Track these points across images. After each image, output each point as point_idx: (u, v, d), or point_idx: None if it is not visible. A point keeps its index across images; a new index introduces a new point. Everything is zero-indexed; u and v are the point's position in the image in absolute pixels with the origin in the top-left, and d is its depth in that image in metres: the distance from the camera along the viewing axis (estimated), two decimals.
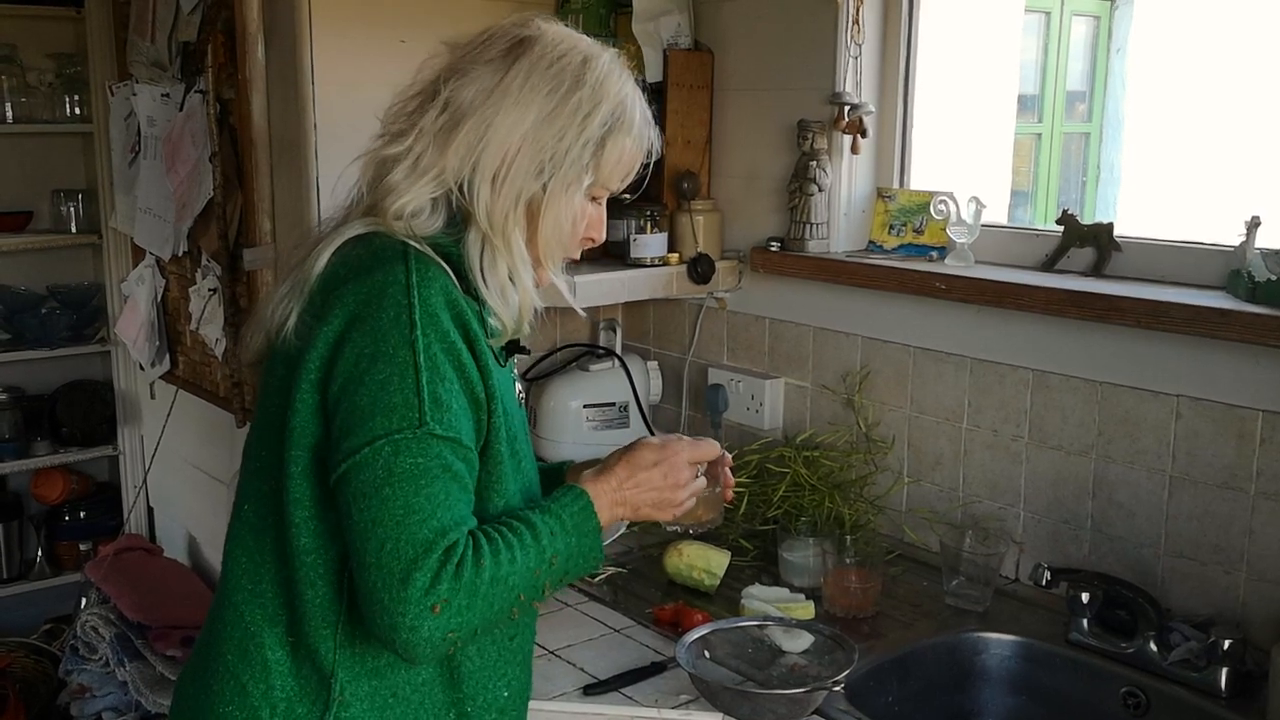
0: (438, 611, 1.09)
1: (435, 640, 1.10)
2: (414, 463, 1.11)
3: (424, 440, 1.12)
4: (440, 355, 1.15)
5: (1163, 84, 3.80)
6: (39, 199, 3.61)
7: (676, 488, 1.31)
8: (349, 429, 1.13)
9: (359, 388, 1.13)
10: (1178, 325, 1.68)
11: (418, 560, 1.09)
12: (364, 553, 1.11)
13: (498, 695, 1.29)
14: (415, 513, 1.10)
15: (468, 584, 1.10)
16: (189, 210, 2.65)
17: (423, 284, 1.16)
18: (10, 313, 3.52)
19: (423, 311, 1.14)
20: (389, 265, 1.17)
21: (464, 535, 1.13)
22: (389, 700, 1.23)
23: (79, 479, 3.66)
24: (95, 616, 2.84)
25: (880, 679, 1.71)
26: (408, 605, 1.08)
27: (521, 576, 1.16)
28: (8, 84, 3.42)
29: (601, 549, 1.25)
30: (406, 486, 1.10)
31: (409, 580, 1.08)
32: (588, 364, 2.50)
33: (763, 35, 2.29)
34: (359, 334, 1.15)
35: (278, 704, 1.22)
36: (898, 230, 2.17)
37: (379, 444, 1.11)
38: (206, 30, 2.46)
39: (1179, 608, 1.74)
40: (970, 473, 2.02)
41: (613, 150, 1.27)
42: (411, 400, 1.12)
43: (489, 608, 1.13)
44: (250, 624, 1.24)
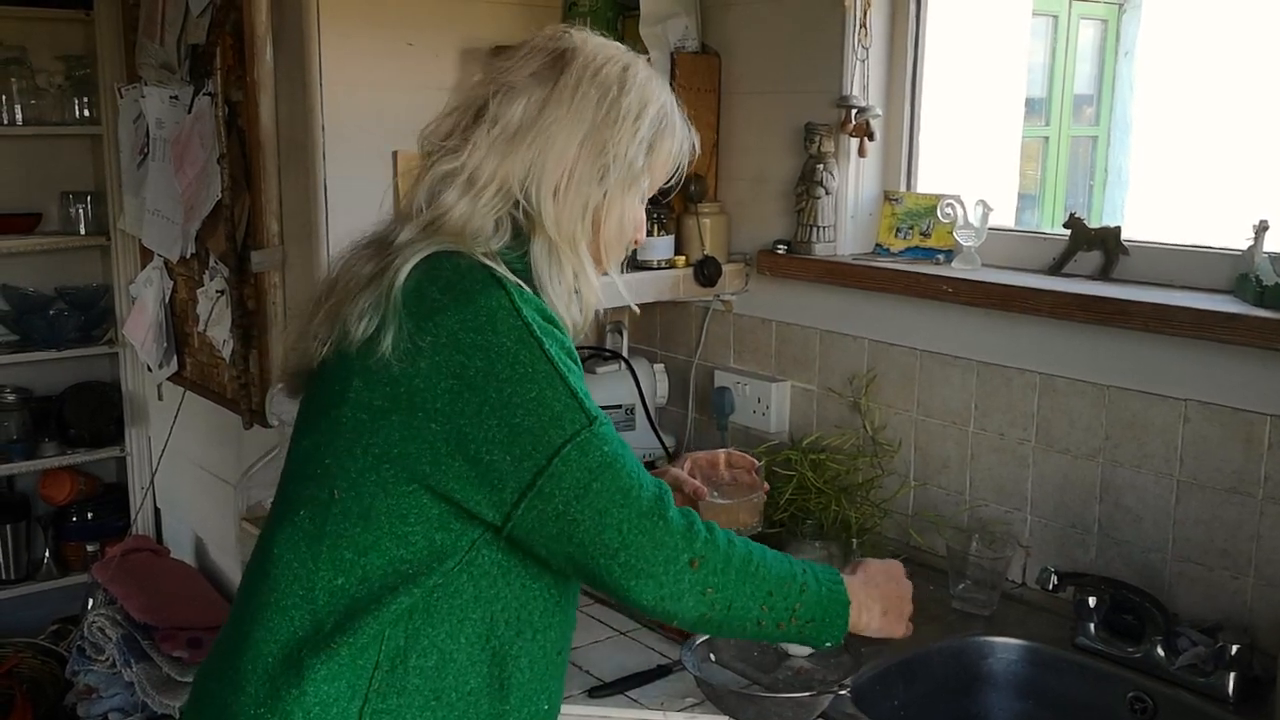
0: (696, 567, 1.18)
1: (696, 592, 1.19)
2: (604, 452, 1.17)
3: (600, 432, 1.18)
4: (566, 359, 1.20)
5: (1171, 87, 3.79)
6: (48, 200, 3.62)
7: (908, 602, 1.42)
8: (523, 451, 1.16)
9: (514, 410, 1.16)
10: (1185, 329, 1.67)
11: (660, 522, 1.17)
12: (604, 546, 1.17)
13: (539, 708, 1.30)
14: (631, 489, 1.17)
15: (720, 547, 1.20)
16: (197, 212, 2.66)
17: (526, 303, 1.20)
18: (19, 314, 3.54)
19: (537, 324, 1.19)
20: (488, 291, 1.19)
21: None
22: (431, 703, 1.22)
23: (86, 480, 3.67)
24: (102, 617, 2.85)
25: (886, 683, 1.70)
26: (670, 564, 1.17)
27: (772, 575, 1.24)
28: (17, 86, 3.43)
29: (845, 627, 1.31)
30: (609, 475, 1.17)
31: (661, 543, 1.17)
32: (594, 366, 2.50)
33: (770, 38, 2.29)
34: (485, 360, 1.16)
35: (311, 709, 1.20)
36: (904, 233, 2.17)
37: (565, 451, 1.16)
38: (215, 33, 2.47)
39: (1186, 612, 1.73)
40: (977, 476, 2.02)
41: (661, 150, 1.32)
42: (571, 404, 1.17)
43: (742, 585, 1.21)
44: (298, 628, 1.22)
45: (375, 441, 1.19)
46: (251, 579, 1.30)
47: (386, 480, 1.20)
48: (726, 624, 1.25)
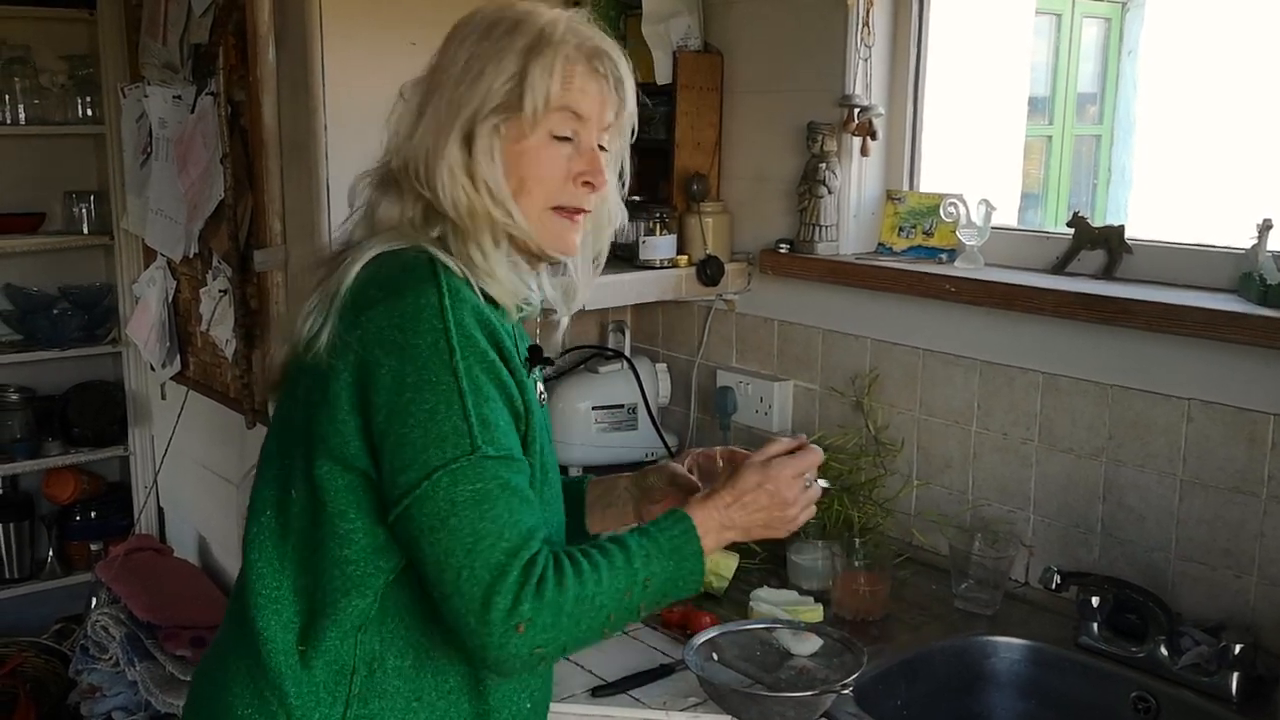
0: (522, 630, 1.10)
1: (523, 656, 1.12)
2: (474, 489, 1.12)
3: (479, 465, 1.12)
4: (481, 375, 1.15)
5: (1174, 86, 3.78)
6: (51, 200, 3.63)
7: (785, 505, 1.30)
8: (403, 464, 1.13)
9: (406, 418, 1.13)
10: (1189, 328, 1.67)
11: (495, 584, 1.10)
12: (442, 584, 1.12)
13: (520, 706, 1.29)
14: (484, 537, 1.11)
15: (550, 602, 1.12)
16: (200, 211, 2.66)
17: (455, 305, 1.15)
18: (22, 313, 3.54)
19: (459, 334, 1.14)
20: (420, 287, 1.16)
21: (542, 549, 1.14)
22: (413, 704, 1.23)
23: (90, 479, 3.68)
24: (105, 616, 2.85)
25: (889, 682, 1.70)
26: (492, 628, 1.10)
27: (610, 596, 1.16)
28: (20, 85, 3.43)
29: (702, 572, 1.25)
30: (471, 513, 1.11)
31: (490, 604, 1.10)
32: (596, 366, 2.50)
33: (772, 37, 2.29)
34: (398, 361, 1.14)
35: (293, 710, 1.22)
36: (907, 232, 2.16)
37: (436, 476, 1.12)
38: (218, 32, 2.47)
39: (1190, 612, 1.73)
40: (980, 476, 2.02)
41: (537, 76, 1.21)
42: (461, 427, 1.12)
43: (576, 626, 1.14)
44: (266, 629, 1.23)
45: (317, 437, 1.19)
46: (237, 581, 1.31)
47: (326, 476, 1.20)
48: (562, 657, 1.22)
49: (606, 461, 2.44)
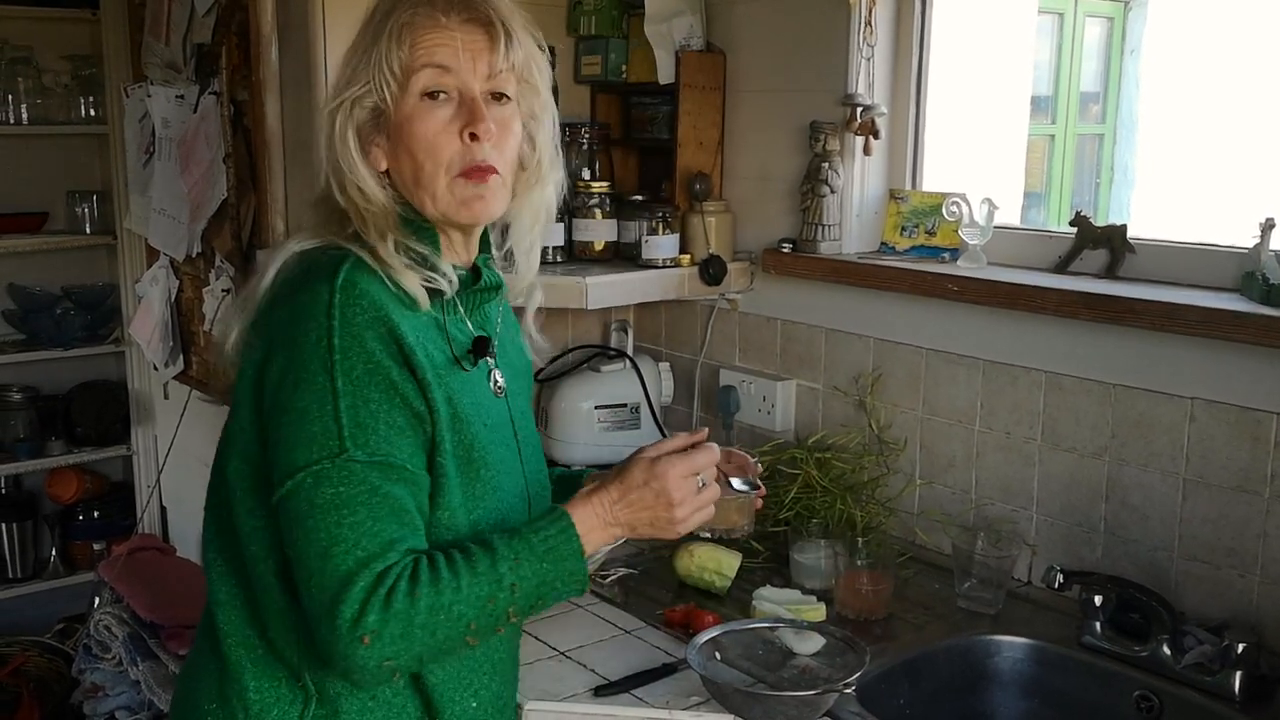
0: (367, 643, 1.08)
1: (371, 669, 1.09)
2: (335, 492, 1.10)
3: (345, 468, 1.10)
4: (364, 377, 1.12)
5: (1177, 85, 3.78)
6: (54, 200, 3.63)
7: (672, 505, 1.22)
8: (276, 460, 1.13)
9: (283, 416, 1.13)
10: (1192, 328, 1.67)
11: (341, 593, 1.08)
12: (299, 583, 1.12)
13: (466, 707, 1.27)
14: (338, 543, 1.09)
15: (399, 614, 1.08)
16: (203, 211, 2.66)
17: (346, 304, 1.13)
18: (25, 313, 3.55)
19: (343, 333, 1.12)
20: (315, 285, 1.15)
21: (399, 561, 1.11)
22: (368, 704, 1.23)
23: (93, 479, 3.68)
24: (108, 616, 2.85)
25: (892, 681, 1.70)
26: (338, 637, 1.08)
27: (470, 605, 1.12)
28: (24, 85, 3.44)
29: (585, 572, 1.19)
30: (329, 517, 1.10)
31: (335, 613, 1.08)
32: (599, 365, 2.50)
33: (775, 37, 2.29)
34: (283, 358, 1.14)
35: (251, 706, 1.23)
36: (910, 232, 2.16)
37: (299, 476, 1.11)
38: (221, 32, 2.48)
39: (1193, 611, 1.73)
40: (983, 475, 2.02)
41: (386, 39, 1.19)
42: (331, 428, 1.11)
43: (430, 637, 1.11)
44: (224, 627, 1.25)
45: (238, 443, 1.21)
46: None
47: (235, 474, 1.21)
48: (419, 668, 1.19)
49: (610, 461, 2.43)
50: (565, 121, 2.45)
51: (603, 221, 2.37)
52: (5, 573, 3.58)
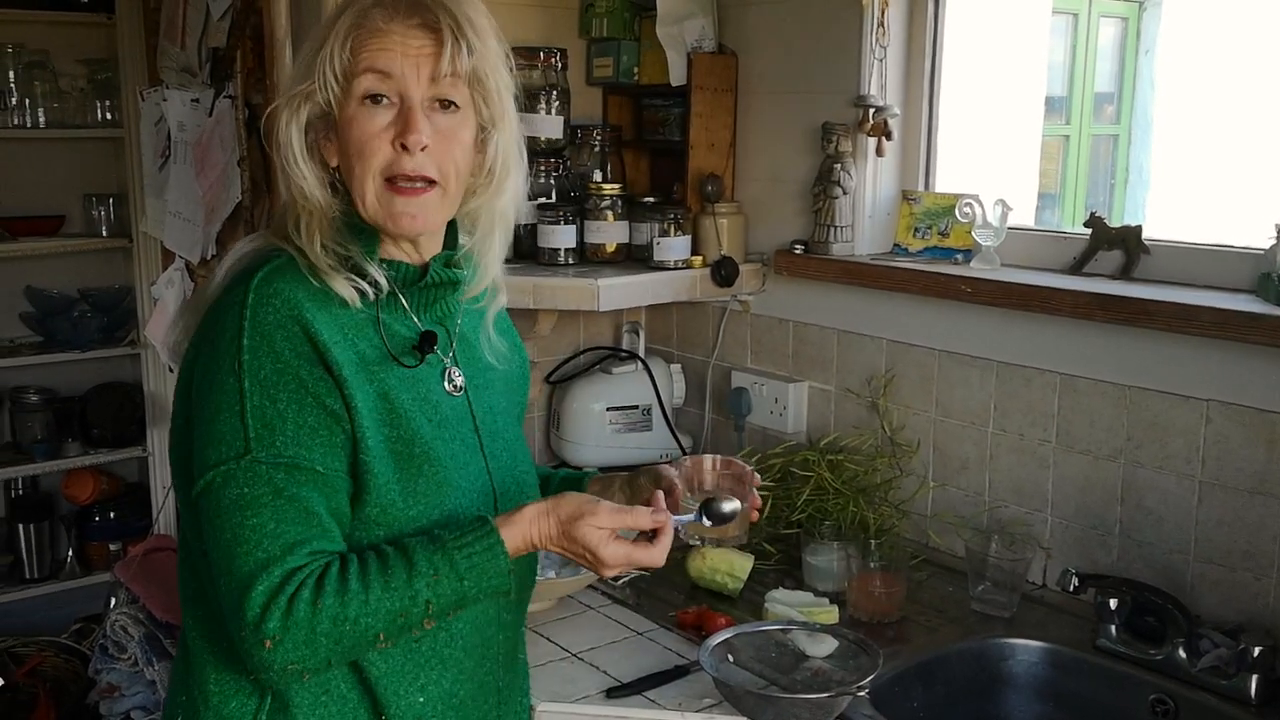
0: (269, 647, 1.08)
1: (276, 670, 1.10)
2: (239, 493, 1.10)
3: (250, 469, 1.11)
4: (271, 377, 1.12)
5: (1192, 85, 3.76)
6: (71, 203, 3.66)
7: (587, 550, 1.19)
8: (193, 459, 1.15)
9: (199, 416, 1.15)
10: (1207, 329, 1.66)
11: (243, 595, 1.09)
12: (213, 581, 1.14)
13: (412, 701, 1.25)
14: (240, 544, 1.10)
15: (301, 621, 1.08)
16: (217, 214, 2.67)
17: (260, 304, 1.13)
18: (42, 315, 3.57)
19: (253, 334, 1.12)
20: (232, 288, 1.16)
21: (304, 565, 1.10)
22: (320, 698, 1.22)
23: (109, 480, 3.70)
24: (124, 616, 2.86)
25: (905, 685, 1.70)
26: (243, 638, 1.09)
27: (379, 618, 1.11)
28: (40, 89, 3.46)
29: (508, 583, 1.17)
30: (233, 518, 1.10)
31: (239, 614, 1.09)
32: (610, 367, 2.50)
33: (787, 38, 2.28)
34: (202, 359, 1.16)
35: (210, 698, 1.24)
36: (923, 233, 2.16)
37: (209, 475, 1.12)
38: (235, 36, 2.49)
39: (1208, 614, 1.72)
40: (996, 477, 2.01)
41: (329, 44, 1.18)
42: (237, 428, 1.11)
43: (335, 645, 1.10)
44: (187, 620, 1.28)
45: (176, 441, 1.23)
46: None
47: (178, 471, 1.22)
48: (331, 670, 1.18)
49: (620, 462, 2.44)
50: (577, 123, 2.47)
51: (614, 223, 2.37)
52: (22, 573, 3.60)
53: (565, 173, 2.44)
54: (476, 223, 1.30)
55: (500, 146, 1.25)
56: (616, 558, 1.20)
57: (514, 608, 1.36)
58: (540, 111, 2.36)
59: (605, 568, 1.20)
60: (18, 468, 3.53)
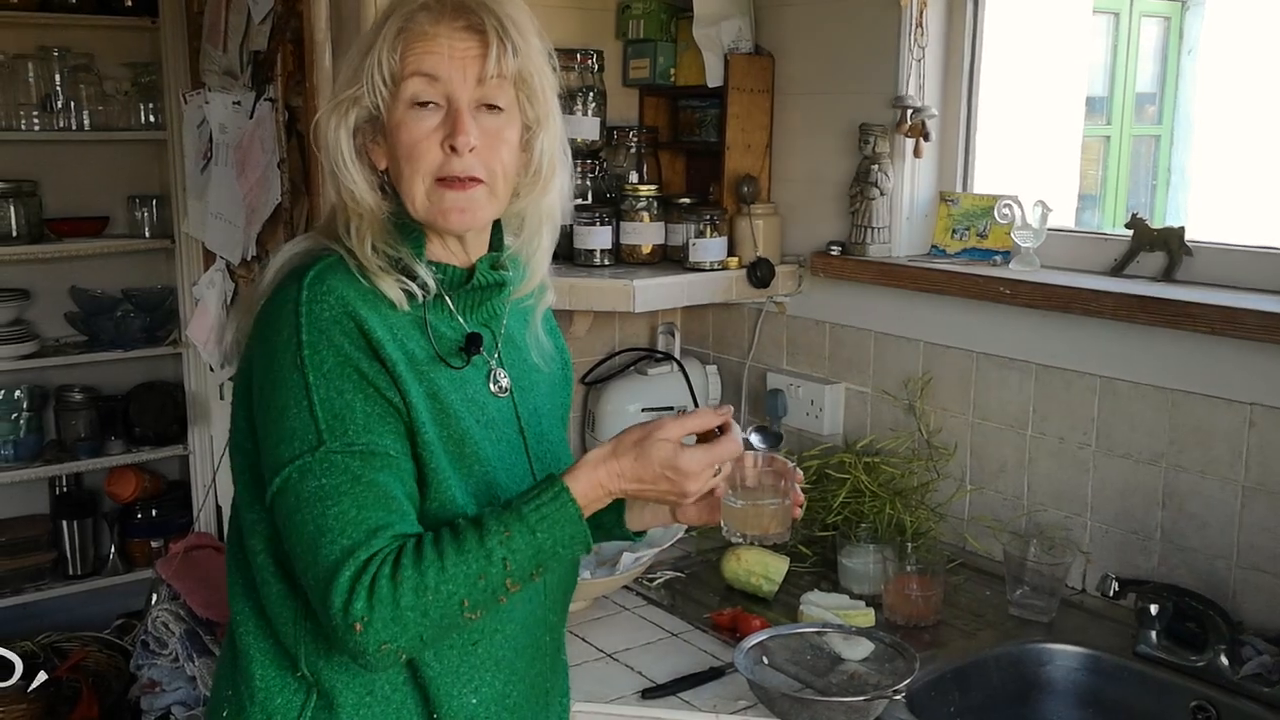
0: (359, 630, 1.09)
1: (371, 653, 1.11)
2: (318, 485, 1.12)
3: (325, 460, 1.12)
4: (334, 370, 1.14)
5: (1235, 86, 3.71)
6: (115, 204, 3.71)
7: (684, 496, 1.19)
8: (265, 459, 1.16)
9: (266, 415, 1.16)
10: (1251, 332, 1.64)
11: (330, 583, 1.10)
12: (299, 576, 1.15)
13: (465, 702, 1.26)
14: (324, 534, 1.11)
15: (385, 598, 1.09)
16: (258, 215, 2.70)
17: (314, 300, 1.15)
18: (87, 315, 3.62)
19: (310, 329, 1.14)
20: (284, 286, 1.18)
21: (385, 547, 1.11)
22: (365, 698, 1.24)
23: (151, 478, 3.75)
24: (165, 612, 2.90)
25: (941, 689, 1.69)
26: (334, 626, 1.10)
27: (459, 583, 1.12)
28: (85, 93, 3.52)
29: (586, 534, 1.16)
30: (315, 509, 1.11)
31: (327, 603, 1.10)
32: (646, 368, 2.50)
33: (824, 39, 2.28)
34: (263, 358, 1.17)
35: (257, 694, 1.25)
36: (961, 234, 2.14)
37: (285, 471, 1.13)
38: (276, 39, 2.51)
39: (1251, 621, 1.70)
40: (1035, 481, 1.99)
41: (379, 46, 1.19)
42: (307, 422, 1.13)
43: (423, 618, 1.11)
44: (237, 616, 1.28)
45: (236, 440, 1.24)
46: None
47: (237, 469, 1.24)
48: (427, 647, 1.18)
49: None
50: (613, 125, 2.47)
51: (650, 224, 2.37)
52: (66, 569, 3.66)
53: (601, 174, 2.44)
54: (523, 223, 1.31)
55: (545, 146, 1.26)
56: (697, 462, 1.18)
57: (558, 609, 1.37)
58: (577, 113, 2.37)
59: (689, 480, 1.18)
60: (62, 465, 3.58)
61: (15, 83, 3.43)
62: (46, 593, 3.56)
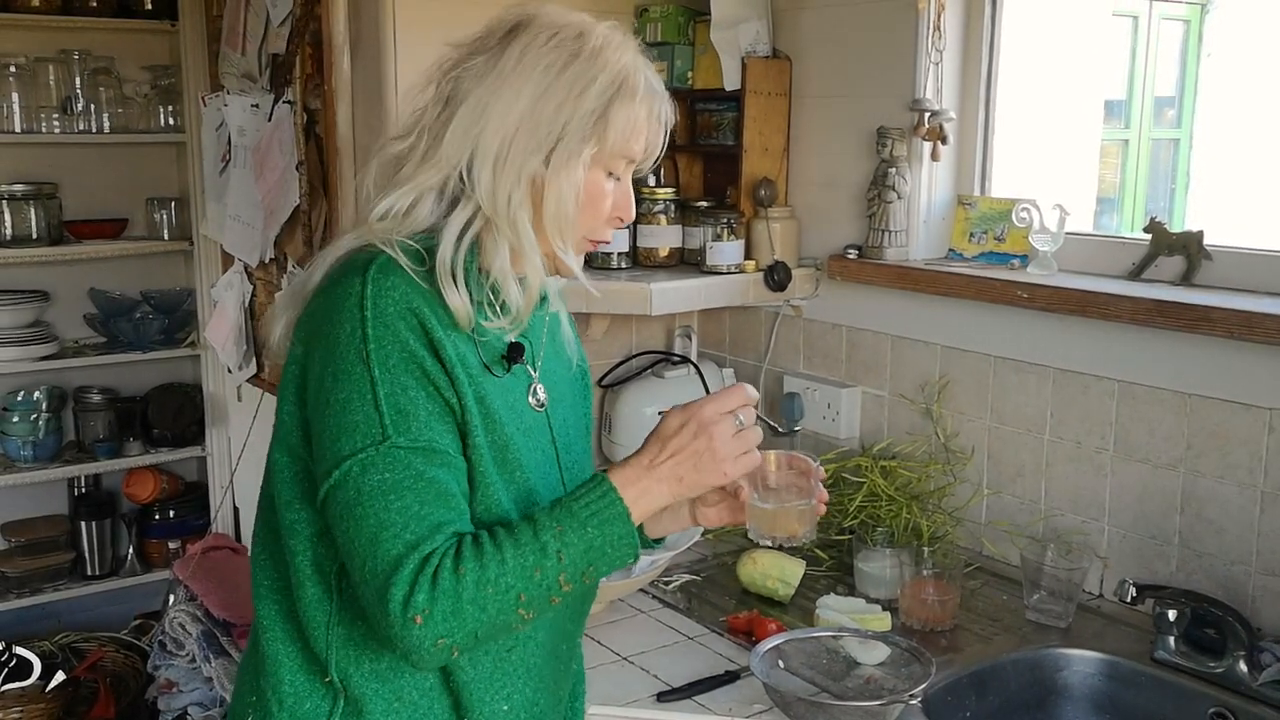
0: (420, 622, 1.08)
1: (427, 649, 1.10)
2: (381, 479, 1.11)
3: (389, 454, 1.12)
4: (399, 365, 1.14)
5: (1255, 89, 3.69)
6: (134, 206, 3.73)
7: (711, 440, 1.20)
8: (322, 452, 1.15)
9: (325, 409, 1.15)
10: (1270, 336, 1.63)
11: (391, 576, 1.09)
12: (352, 573, 1.13)
13: (496, 709, 1.26)
14: (387, 528, 1.10)
15: (447, 591, 1.09)
16: (276, 217, 2.72)
17: (378, 295, 1.14)
18: (106, 316, 3.65)
19: (376, 323, 1.14)
20: (346, 279, 1.17)
21: (445, 542, 1.11)
22: (394, 704, 1.24)
23: (169, 479, 3.77)
24: (183, 613, 2.92)
25: (958, 694, 1.68)
26: (391, 620, 1.09)
27: (517, 576, 1.11)
28: (105, 95, 3.54)
29: (635, 538, 1.17)
30: (377, 503, 1.11)
31: (387, 596, 1.09)
32: (663, 371, 2.50)
33: (842, 42, 2.27)
34: (320, 352, 1.16)
35: (285, 699, 1.25)
36: (978, 238, 2.14)
37: (346, 465, 1.12)
38: (294, 42, 2.53)
39: (1270, 627, 1.69)
40: (1052, 485, 1.99)
41: (618, 118, 1.22)
42: (372, 416, 1.12)
43: (481, 612, 1.11)
44: (264, 619, 1.28)
45: (281, 437, 1.23)
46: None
47: (277, 466, 1.23)
48: (481, 646, 1.18)
49: None
50: None
51: (667, 227, 2.37)
52: (84, 570, 3.68)
53: None
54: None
55: None
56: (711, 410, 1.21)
57: (576, 618, 1.38)
58: None
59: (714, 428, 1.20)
60: (81, 466, 3.60)
61: (36, 85, 3.45)
62: (65, 593, 3.58)
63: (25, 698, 2.93)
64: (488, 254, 1.22)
